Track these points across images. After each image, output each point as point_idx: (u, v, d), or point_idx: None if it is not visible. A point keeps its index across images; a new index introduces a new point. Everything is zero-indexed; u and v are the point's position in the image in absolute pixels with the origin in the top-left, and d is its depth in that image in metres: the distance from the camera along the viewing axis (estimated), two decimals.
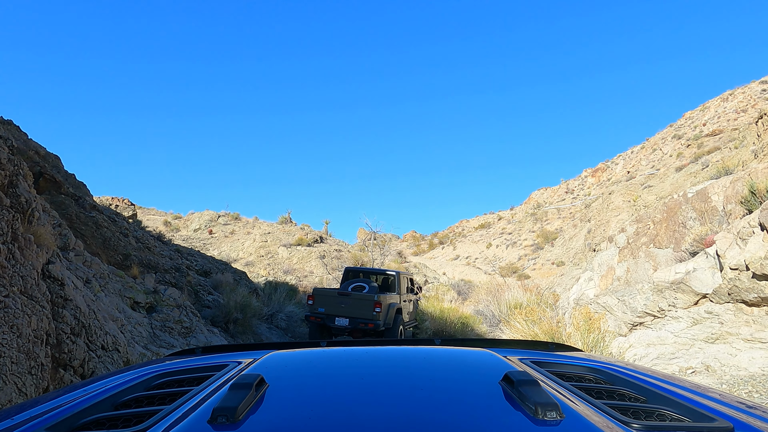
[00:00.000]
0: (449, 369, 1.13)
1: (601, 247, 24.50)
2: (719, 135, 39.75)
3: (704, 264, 5.64)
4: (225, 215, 31.67)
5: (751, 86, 52.34)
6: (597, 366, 1.21)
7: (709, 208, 6.30)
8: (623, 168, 57.66)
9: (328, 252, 23.02)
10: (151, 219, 31.49)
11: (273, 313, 11.31)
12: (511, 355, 1.28)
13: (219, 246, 27.05)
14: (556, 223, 50.84)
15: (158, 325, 7.37)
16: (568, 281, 22.58)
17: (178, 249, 12.37)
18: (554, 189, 69.01)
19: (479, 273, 40.85)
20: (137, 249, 10.06)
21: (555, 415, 0.74)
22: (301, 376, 1.07)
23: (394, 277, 11.14)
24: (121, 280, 7.52)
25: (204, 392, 0.95)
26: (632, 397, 1.01)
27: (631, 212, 26.57)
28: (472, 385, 0.98)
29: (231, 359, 1.27)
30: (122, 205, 24.58)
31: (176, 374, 1.16)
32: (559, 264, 36.50)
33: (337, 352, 1.29)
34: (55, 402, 1.00)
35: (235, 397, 0.79)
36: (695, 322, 5.46)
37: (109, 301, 6.32)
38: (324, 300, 10.03)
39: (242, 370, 1.10)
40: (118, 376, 1.18)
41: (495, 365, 1.08)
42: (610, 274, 7.15)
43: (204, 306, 9.98)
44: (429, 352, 1.31)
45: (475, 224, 68.21)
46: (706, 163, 24.27)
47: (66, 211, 9.19)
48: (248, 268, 22.22)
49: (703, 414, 0.86)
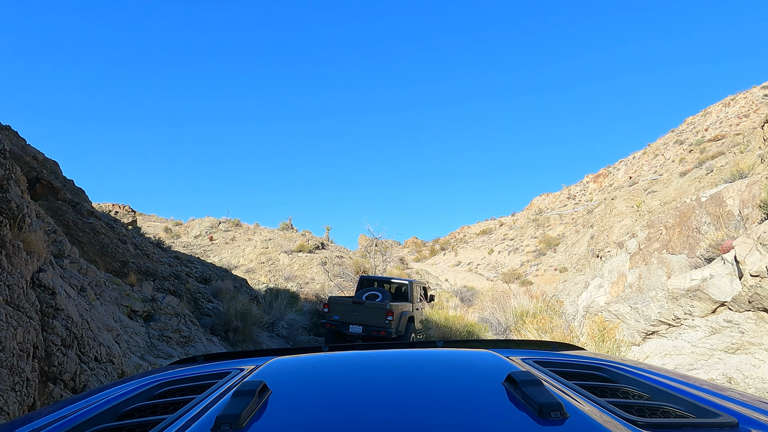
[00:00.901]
0: (452, 371, 1.12)
1: (608, 253, 24.29)
2: (722, 140, 39.63)
3: (722, 270, 5.43)
4: (226, 221, 31.54)
5: (752, 91, 52.31)
6: (600, 364, 1.20)
7: (724, 213, 6.10)
8: (625, 173, 57.53)
9: (330, 258, 22.80)
10: (152, 225, 31.34)
11: (274, 321, 11.08)
12: (514, 355, 1.28)
13: (219, 252, 26.87)
14: (558, 229, 50.62)
15: (156, 334, 7.16)
16: (572, 287, 22.30)
17: (178, 256, 12.17)
18: (556, 195, 68.85)
19: (481, 279, 40.58)
20: (135, 256, 9.86)
21: (559, 415, 0.73)
22: (303, 381, 1.06)
23: (407, 286, 11.44)
24: (118, 288, 7.32)
25: (207, 400, 0.94)
26: (636, 394, 1.00)
27: (634, 218, 26.36)
28: (475, 386, 0.97)
29: (233, 366, 1.27)
30: (122, 211, 24.44)
31: (178, 383, 1.15)
32: (562, 270, 36.27)
33: (340, 357, 1.28)
34: (57, 414, 0.99)
35: (238, 404, 0.78)
36: (714, 332, 5.24)
37: (105, 310, 6.11)
38: (339, 308, 10.34)
39: (245, 377, 1.09)
40: (120, 387, 1.17)
41: (498, 366, 1.07)
42: (621, 281, 6.93)
43: (203, 314, 9.76)
44: (432, 354, 1.30)
45: (477, 230, 68.02)
46: (710, 167, 24.07)
47: (63, 218, 9.02)
48: (249, 274, 22.01)
49: (707, 410, 0.85)
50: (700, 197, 6.61)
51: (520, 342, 1.63)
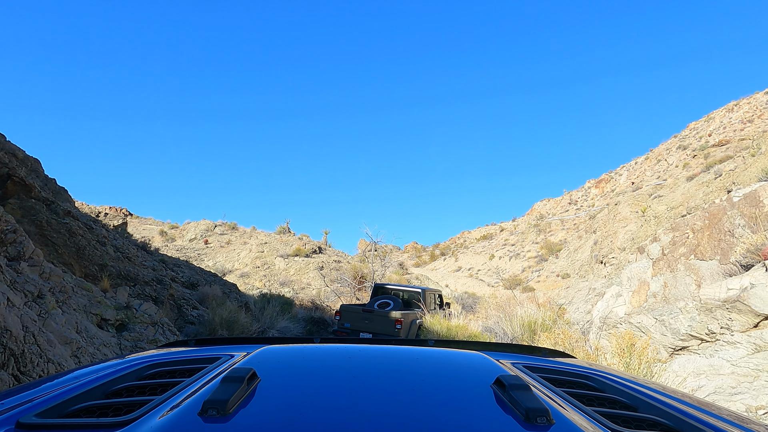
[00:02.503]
0: (442, 370, 1.12)
1: (613, 259, 23.54)
2: (726, 145, 39.21)
3: (764, 279, 4.76)
4: (222, 225, 30.94)
5: (756, 97, 52.00)
6: (589, 373, 1.20)
7: (762, 214, 5.45)
8: (627, 179, 57.17)
9: (327, 263, 22.10)
10: (147, 228, 30.71)
11: (264, 329, 10.39)
12: (504, 359, 1.28)
13: (214, 256, 26.26)
14: (560, 235, 50.11)
15: (128, 345, 6.47)
16: (575, 294, 21.64)
17: (163, 259, 11.49)
18: (557, 200, 68.38)
19: (482, 285, 39.88)
20: (115, 259, 9.19)
21: (545, 421, 0.73)
22: (293, 370, 1.06)
23: (421, 294, 11.62)
24: (88, 294, 6.65)
25: (195, 384, 0.94)
26: (623, 404, 1.00)
27: (639, 223, 25.74)
28: (463, 386, 0.97)
29: (224, 352, 1.26)
30: (113, 213, 23.78)
31: (169, 365, 1.15)
32: (564, 276, 35.75)
33: (330, 349, 1.28)
34: (45, 388, 0.99)
35: (226, 390, 0.79)
36: (758, 349, 4.56)
37: (67, 320, 5.44)
38: (350, 316, 10.62)
39: (234, 363, 1.09)
40: (110, 364, 1.17)
41: (487, 368, 1.07)
42: (643, 290, 6.26)
43: (187, 322, 9.08)
44: (422, 352, 1.28)
45: (477, 235, 67.57)
46: (719, 172, 23.45)
47: (36, 217, 8.37)
48: (243, 279, 21.32)
49: (693, 426, 0.85)
50: (731, 197, 5.95)
51: (511, 346, 1.61)
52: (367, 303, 11.63)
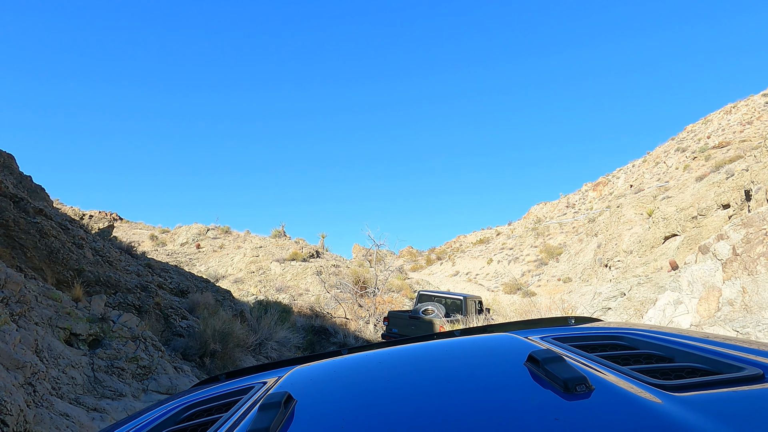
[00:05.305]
0: (474, 357, 1.09)
1: (618, 263, 22.69)
2: (726, 147, 38.85)
3: None
4: (214, 228, 29.83)
5: (753, 99, 52.00)
6: (619, 333, 1.18)
7: None
8: (625, 182, 56.87)
9: (326, 267, 21.05)
10: (138, 233, 29.48)
11: (261, 341, 9.35)
12: (532, 335, 1.26)
13: (206, 261, 25.15)
14: (559, 238, 49.48)
15: (103, 365, 5.43)
16: (579, 298, 20.75)
17: (150, 264, 10.43)
18: (554, 203, 67.89)
19: (482, 290, 38.99)
20: (94, 263, 8.14)
21: (585, 388, 0.73)
22: (327, 387, 1.04)
23: (462, 301, 12.39)
24: (56, 305, 5.60)
25: (233, 417, 0.92)
26: (658, 357, 0.99)
27: (646, 225, 24.96)
28: (498, 369, 0.96)
29: (255, 381, 1.26)
30: (98, 216, 22.59)
31: (203, 404, 1.15)
32: (566, 280, 35.00)
33: (360, 358, 1.24)
34: None
35: (265, 417, 0.77)
36: None
37: (23, 337, 4.41)
38: (397, 322, 11.54)
39: (268, 389, 1.07)
40: (145, 416, 1.16)
41: (518, 347, 1.05)
42: (712, 297, 5.34)
43: (175, 334, 8.03)
44: (450, 343, 1.25)
45: (474, 239, 66.88)
46: (730, 171, 22.75)
47: (1, 216, 7.32)
48: (237, 285, 20.22)
49: (730, 365, 0.84)
50: None
51: (537, 321, 1.55)
52: (412, 310, 12.53)
